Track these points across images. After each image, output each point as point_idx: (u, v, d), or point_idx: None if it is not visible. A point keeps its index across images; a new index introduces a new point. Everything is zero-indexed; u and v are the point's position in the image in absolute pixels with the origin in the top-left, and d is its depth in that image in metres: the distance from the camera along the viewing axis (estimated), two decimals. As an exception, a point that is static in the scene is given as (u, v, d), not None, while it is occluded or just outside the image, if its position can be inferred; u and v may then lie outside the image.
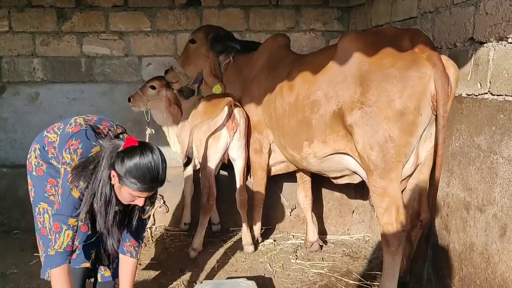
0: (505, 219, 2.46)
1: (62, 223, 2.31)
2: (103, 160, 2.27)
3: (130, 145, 2.25)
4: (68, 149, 2.36)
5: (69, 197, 2.30)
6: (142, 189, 2.23)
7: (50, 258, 2.34)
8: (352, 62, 2.94)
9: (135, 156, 2.20)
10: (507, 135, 2.44)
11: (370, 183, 2.96)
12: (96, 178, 2.28)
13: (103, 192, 2.29)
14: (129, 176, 2.20)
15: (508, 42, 2.47)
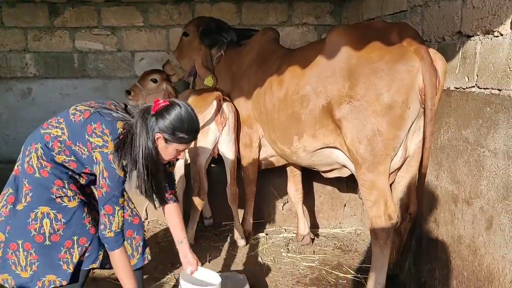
0: (491, 212, 2.48)
1: (115, 204, 2.36)
2: (138, 128, 2.32)
3: (162, 105, 2.32)
4: (94, 134, 2.34)
5: (116, 177, 2.33)
6: (189, 141, 2.38)
7: (112, 240, 2.38)
8: (341, 56, 2.94)
9: (173, 112, 2.30)
10: (494, 128, 2.46)
11: (359, 177, 2.98)
12: (136, 147, 2.32)
13: (149, 157, 2.34)
14: (177, 132, 2.30)
15: (494, 36, 2.48)
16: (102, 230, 2.39)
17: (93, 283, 3.52)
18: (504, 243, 2.36)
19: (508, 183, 2.33)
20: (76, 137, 2.40)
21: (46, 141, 2.44)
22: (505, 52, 2.38)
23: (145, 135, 2.31)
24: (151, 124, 2.31)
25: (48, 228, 2.45)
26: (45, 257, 2.46)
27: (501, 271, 2.38)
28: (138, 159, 2.33)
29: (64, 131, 2.43)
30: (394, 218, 2.91)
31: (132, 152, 2.33)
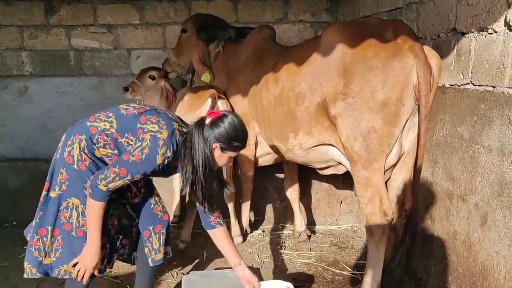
0: (485, 208, 2.49)
1: (130, 173, 2.42)
2: (195, 138, 2.47)
3: (216, 116, 2.50)
4: (149, 121, 2.47)
5: (153, 158, 2.42)
6: (241, 148, 2.57)
7: (100, 192, 2.40)
8: (336, 53, 2.95)
9: (224, 120, 2.47)
10: (488, 125, 2.47)
11: (354, 174, 2.99)
12: (196, 155, 2.46)
13: (208, 165, 2.49)
14: (231, 140, 2.47)
15: (488, 33, 2.49)
16: (98, 179, 2.40)
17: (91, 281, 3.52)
18: (498, 239, 2.37)
19: (502, 179, 2.34)
20: (126, 128, 2.50)
21: (91, 134, 2.52)
22: (499, 49, 2.39)
23: (203, 144, 2.46)
24: (207, 134, 2.46)
25: (75, 220, 2.53)
26: (69, 246, 2.55)
27: (496, 266, 2.40)
28: (198, 167, 2.48)
29: (113, 124, 2.53)
30: (389, 214, 2.92)
31: (192, 160, 2.48)
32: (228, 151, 2.53)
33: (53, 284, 3.47)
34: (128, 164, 2.42)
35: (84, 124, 2.59)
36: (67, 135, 2.60)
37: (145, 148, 2.42)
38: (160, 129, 2.45)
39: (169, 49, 4.88)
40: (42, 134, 5.23)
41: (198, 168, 2.48)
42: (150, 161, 2.43)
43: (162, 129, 2.45)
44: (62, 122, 5.18)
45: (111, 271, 3.66)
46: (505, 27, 2.34)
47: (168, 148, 2.44)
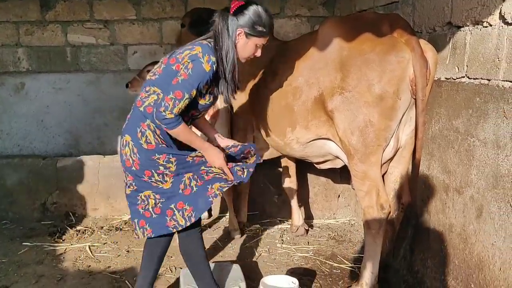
0: (481, 201, 2.51)
1: (186, 91, 2.47)
2: (219, 28, 2.56)
3: (239, 4, 2.56)
4: (178, 54, 2.57)
5: (201, 68, 2.48)
6: (266, 34, 2.61)
7: (173, 120, 2.47)
8: (332, 48, 2.96)
9: (250, 8, 2.55)
10: (483, 118, 2.48)
11: (351, 167, 3.00)
12: (220, 46, 2.55)
13: (228, 57, 2.56)
14: (256, 25, 2.55)
15: (483, 26, 2.50)
16: (161, 111, 2.46)
17: (90, 276, 3.54)
18: (493, 231, 2.39)
19: (497, 172, 2.36)
20: (168, 80, 2.54)
21: (150, 114, 2.58)
22: (494, 42, 2.40)
23: (227, 34, 2.55)
24: (232, 23, 2.54)
25: (151, 206, 2.68)
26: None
27: (491, 258, 2.41)
28: (224, 54, 2.55)
29: (157, 91, 2.59)
30: (386, 208, 2.94)
31: (219, 50, 2.55)
32: (253, 37, 2.58)
33: (51, 280, 3.48)
34: (179, 85, 2.47)
35: (137, 112, 2.65)
36: (129, 131, 2.65)
37: (188, 65, 2.48)
38: (190, 50, 2.52)
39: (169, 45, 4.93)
40: (39, 131, 5.23)
41: (223, 57, 2.56)
42: (199, 71, 2.48)
43: (193, 48, 2.52)
44: (59, 119, 5.21)
45: (109, 267, 3.69)
46: (499, 21, 2.35)
47: (208, 54, 2.50)
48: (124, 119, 5.13)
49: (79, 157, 4.81)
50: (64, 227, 4.44)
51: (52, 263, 3.75)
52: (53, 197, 4.74)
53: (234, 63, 2.61)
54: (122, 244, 4.11)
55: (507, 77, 2.30)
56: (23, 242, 4.12)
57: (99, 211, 4.79)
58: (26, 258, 3.83)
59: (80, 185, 4.73)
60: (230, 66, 2.59)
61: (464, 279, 2.67)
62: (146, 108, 2.60)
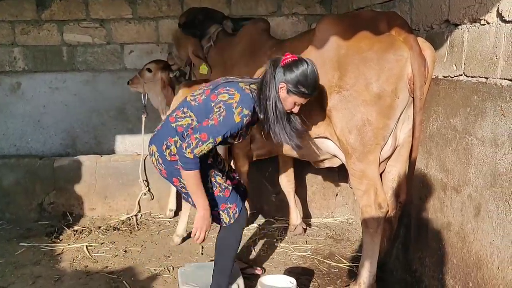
0: (479, 199, 2.50)
1: (212, 136, 2.57)
2: (268, 76, 2.63)
3: (291, 59, 2.61)
4: (219, 95, 2.63)
5: (231, 119, 2.56)
6: (308, 96, 2.65)
7: (189, 160, 2.57)
8: (330, 46, 2.95)
9: (300, 66, 2.59)
10: (481, 116, 2.47)
11: (349, 166, 3.00)
12: (266, 93, 2.61)
13: (272, 107, 2.63)
14: (299, 85, 2.59)
15: (481, 24, 2.48)
16: (184, 148, 2.56)
17: (87, 276, 3.53)
18: (491, 230, 2.38)
19: (495, 170, 2.35)
20: (204, 114, 2.65)
21: (180, 133, 2.72)
22: (491, 40, 2.39)
23: (274, 83, 2.61)
24: (279, 74, 2.61)
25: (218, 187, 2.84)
26: None
27: (489, 257, 2.41)
28: (267, 104, 2.62)
29: (192, 117, 2.71)
30: (384, 207, 2.93)
31: (263, 99, 2.62)
32: (294, 95, 2.62)
33: (48, 281, 3.46)
34: (207, 128, 2.57)
35: (168, 126, 2.77)
36: (158, 141, 2.77)
37: (222, 112, 2.57)
38: (230, 96, 2.60)
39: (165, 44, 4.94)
40: (35, 131, 5.21)
41: (267, 104, 2.62)
42: (228, 121, 2.56)
43: (233, 94, 2.60)
44: (55, 118, 5.19)
45: (107, 267, 3.68)
46: (497, 18, 2.34)
47: (243, 107, 2.57)
48: (121, 118, 5.19)
49: (76, 157, 4.79)
50: (61, 227, 4.42)
51: (49, 263, 3.74)
52: (50, 197, 4.72)
53: (281, 112, 2.66)
54: (120, 244, 4.10)
55: (504, 75, 2.29)
56: (20, 243, 4.10)
57: (97, 211, 4.77)
58: (23, 259, 3.82)
59: (77, 185, 4.72)
60: (274, 115, 2.65)
61: (462, 278, 2.66)
62: (177, 127, 2.73)
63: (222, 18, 4.34)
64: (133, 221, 4.60)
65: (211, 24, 4.27)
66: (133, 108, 5.24)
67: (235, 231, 2.87)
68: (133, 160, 4.82)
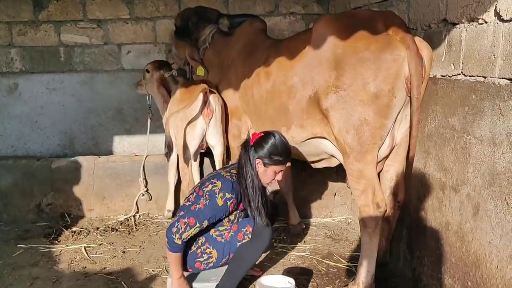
0: (477, 199, 2.50)
1: (198, 221, 2.83)
2: (243, 160, 2.90)
3: (257, 136, 2.89)
4: (204, 189, 2.91)
5: (215, 203, 2.83)
6: (284, 162, 2.90)
7: (176, 245, 2.84)
8: (327, 46, 2.94)
9: (268, 140, 2.86)
10: (479, 115, 2.47)
11: (347, 166, 2.99)
12: (244, 175, 2.88)
13: (253, 185, 2.88)
14: (272, 155, 2.85)
15: (478, 23, 2.48)
16: (173, 232, 2.81)
17: (85, 278, 3.52)
18: (490, 229, 2.38)
19: (494, 169, 2.35)
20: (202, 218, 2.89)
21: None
22: (489, 39, 2.39)
23: (249, 164, 2.87)
24: (252, 153, 2.87)
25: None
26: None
27: (488, 256, 2.41)
28: (247, 185, 2.87)
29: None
30: (382, 206, 2.93)
31: (242, 179, 2.88)
32: (271, 165, 2.88)
33: (46, 282, 3.45)
34: (194, 213, 2.83)
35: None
36: None
37: (206, 198, 2.86)
38: (213, 185, 2.88)
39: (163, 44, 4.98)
40: (33, 132, 5.20)
41: (247, 185, 2.87)
42: (213, 205, 2.83)
43: (215, 183, 2.88)
44: (53, 119, 5.18)
45: (105, 268, 3.67)
46: (495, 17, 2.34)
47: (225, 192, 2.84)
48: (118, 119, 5.18)
49: (74, 158, 4.78)
50: (59, 228, 4.40)
51: (47, 265, 3.73)
52: (48, 198, 4.71)
53: (259, 190, 2.92)
54: (118, 245, 4.09)
55: (502, 74, 2.29)
56: (18, 244, 4.09)
57: (95, 212, 4.76)
58: (21, 260, 3.81)
59: (75, 186, 4.71)
60: (255, 193, 2.89)
61: (461, 277, 2.66)
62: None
63: (218, 17, 4.33)
64: (131, 222, 4.59)
65: (206, 25, 4.26)
66: (131, 108, 5.24)
67: (256, 246, 2.98)
68: (131, 160, 4.80)
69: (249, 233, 2.98)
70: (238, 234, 2.98)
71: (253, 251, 2.98)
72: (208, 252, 2.99)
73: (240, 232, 2.98)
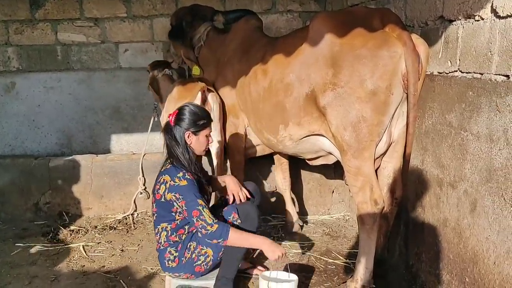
0: (475, 195, 2.51)
1: (196, 206, 2.79)
2: (168, 143, 2.94)
3: (173, 115, 2.93)
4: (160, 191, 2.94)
5: (182, 188, 2.82)
6: (209, 123, 2.97)
7: (217, 232, 2.77)
8: (324, 43, 2.94)
9: (184, 112, 2.91)
10: (476, 112, 2.48)
11: (345, 163, 3.00)
12: (177, 158, 2.91)
13: (185, 158, 2.91)
14: (196, 121, 2.90)
15: (475, 20, 2.49)
16: (206, 232, 2.77)
17: (84, 276, 3.52)
18: (487, 225, 2.39)
19: (491, 166, 2.36)
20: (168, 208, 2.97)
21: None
22: (486, 36, 2.39)
23: (175, 142, 2.90)
24: (177, 131, 2.90)
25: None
26: None
27: (485, 252, 2.42)
28: (182, 161, 2.89)
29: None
30: (380, 203, 2.94)
31: (178, 161, 2.89)
32: (200, 131, 2.92)
33: (45, 281, 3.45)
34: (187, 208, 2.80)
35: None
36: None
37: (176, 193, 2.84)
38: (164, 183, 2.89)
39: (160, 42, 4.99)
40: (30, 130, 5.19)
41: (183, 162, 2.89)
42: (184, 190, 2.82)
43: (164, 181, 2.89)
44: (50, 118, 5.17)
45: (103, 267, 3.67)
46: (491, 14, 2.35)
47: (175, 175, 2.84)
48: (116, 117, 5.18)
49: (72, 157, 4.78)
50: (58, 227, 4.41)
51: (46, 263, 3.73)
52: (45, 197, 4.71)
53: (192, 161, 2.96)
54: (117, 244, 4.09)
55: (499, 70, 2.29)
56: (16, 243, 4.09)
57: (93, 211, 4.76)
58: (19, 259, 3.81)
59: (73, 185, 4.70)
60: (191, 166, 2.93)
61: (459, 273, 2.67)
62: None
63: (213, 14, 4.30)
64: (130, 220, 4.59)
65: (200, 23, 4.25)
66: (128, 107, 5.23)
67: (248, 226, 2.99)
68: (128, 159, 4.80)
69: (237, 218, 2.98)
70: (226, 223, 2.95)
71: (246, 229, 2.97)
72: (204, 253, 2.98)
73: (227, 221, 2.98)
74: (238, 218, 3.00)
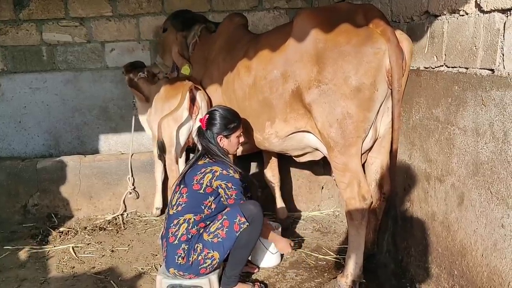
0: (462, 188, 2.52)
1: (241, 202, 3.01)
2: (204, 144, 3.11)
3: (205, 119, 3.12)
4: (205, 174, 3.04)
5: (237, 180, 3.02)
6: (239, 125, 3.18)
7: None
8: (308, 40, 2.93)
9: (215, 116, 3.10)
10: (462, 106, 2.49)
11: (331, 159, 3.00)
12: (217, 156, 3.07)
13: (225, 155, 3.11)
14: (227, 125, 3.10)
15: (460, 15, 2.50)
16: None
17: (74, 278, 3.50)
18: (475, 218, 2.41)
19: (477, 159, 2.37)
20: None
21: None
22: (470, 30, 2.41)
23: (212, 143, 3.09)
24: (209, 136, 3.09)
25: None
26: None
27: (473, 245, 2.43)
28: (223, 160, 3.05)
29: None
30: (368, 198, 2.95)
31: (218, 159, 3.05)
32: (232, 134, 3.13)
33: (34, 283, 3.43)
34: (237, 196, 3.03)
35: None
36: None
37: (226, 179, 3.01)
38: (212, 172, 3.01)
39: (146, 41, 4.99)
40: (17, 132, 5.15)
41: (222, 158, 3.06)
42: (239, 182, 3.05)
43: (213, 170, 3.01)
44: (37, 119, 5.13)
45: (93, 268, 3.65)
46: (476, 9, 2.36)
47: (227, 168, 3.01)
48: (103, 117, 5.15)
49: (60, 158, 4.74)
50: (47, 229, 4.37)
51: (35, 266, 3.70)
52: (34, 199, 4.67)
53: (226, 155, 3.15)
54: (106, 244, 4.07)
55: (484, 65, 2.30)
56: (4, 246, 4.05)
57: (82, 212, 4.73)
58: (8, 262, 3.78)
59: (62, 186, 4.67)
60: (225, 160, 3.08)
61: (448, 266, 2.69)
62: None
63: (205, 21, 4.36)
64: (119, 220, 4.57)
65: (195, 22, 4.28)
66: (116, 106, 5.20)
67: (256, 229, 3.03)
68: (117, 159, 4.78)
69: (244, 221, 2.96)
70: (233, 226, 2.96)
71: (254, 234, 3.03)
72: (210, 256, 2.99)
73: (234, 224, 2.97)
74: (245, 221, 2.98)
